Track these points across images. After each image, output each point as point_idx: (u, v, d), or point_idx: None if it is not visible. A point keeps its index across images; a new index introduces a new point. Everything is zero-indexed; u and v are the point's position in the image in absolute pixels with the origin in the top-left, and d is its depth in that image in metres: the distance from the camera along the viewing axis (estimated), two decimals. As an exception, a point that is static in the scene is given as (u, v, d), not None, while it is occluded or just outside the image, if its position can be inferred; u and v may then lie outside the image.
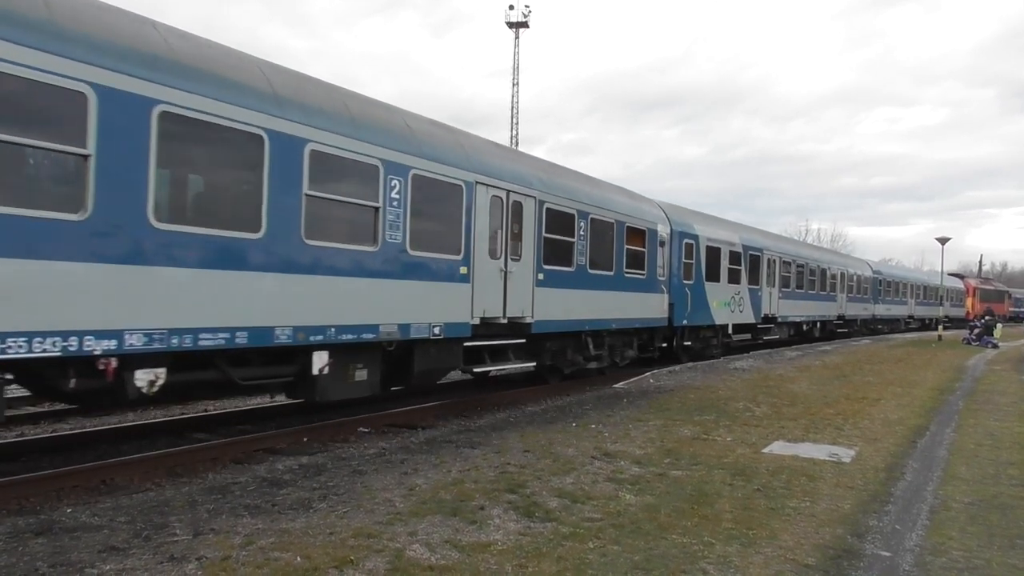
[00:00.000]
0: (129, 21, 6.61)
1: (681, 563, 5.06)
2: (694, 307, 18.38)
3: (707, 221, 20.45)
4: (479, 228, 10.59)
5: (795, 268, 26.25)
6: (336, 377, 8.60)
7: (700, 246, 18.88)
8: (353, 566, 4.76)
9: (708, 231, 19.60)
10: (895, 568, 5.19)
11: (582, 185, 14.08)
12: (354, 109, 8.83)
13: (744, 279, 21.64)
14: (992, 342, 31.66)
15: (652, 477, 7.33)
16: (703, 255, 19.02)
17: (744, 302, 21.59)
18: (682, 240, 17.97)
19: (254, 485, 6.83)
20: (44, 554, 4.90)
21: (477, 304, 10.55)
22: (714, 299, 19.49)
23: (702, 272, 18.93)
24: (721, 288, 19.98)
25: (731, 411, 11.64)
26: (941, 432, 10.60)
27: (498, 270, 11.02)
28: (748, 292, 21.92)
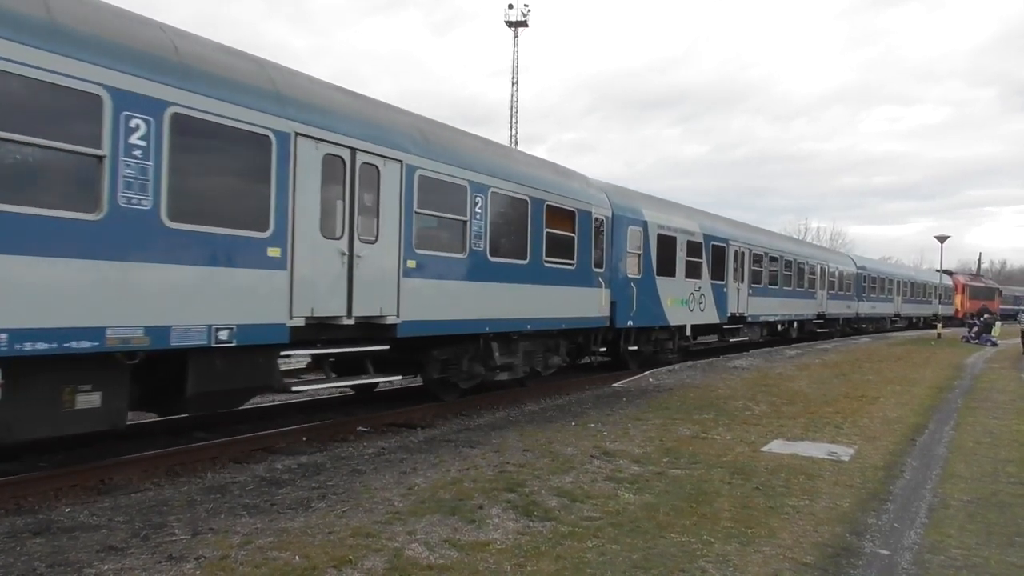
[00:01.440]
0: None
1: (680, 562, 5.06)
2: (643, 305, 15.79)
3: (659, 206, 17.74)
4: (302, 197, 7.84)
5: (768, 262, 23.61)
6: (27, 404, 5.92)
7: (650, 234, 16.23)
8: (352, 565, 4.76)
9: (660, 217, 16.94)
10: (894, 566, 5.20)
11: (481, 152, 11.40)
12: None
13: (706, 273, 19.02)
14: (991, 340, 31.68)
15: (651, 476, 7.33)
16: (654, 245, 16.41)
17: (706, 300, 19.02)
18: (627, 226, 15.34)
19: (253, 484, 6.83)
20: (42, 554, 4.89)
21: (300, 299, 7.83)
22: (668, 296, 17.00)
23: (652, 264, 16.32)
24: (677, 283, 17.49)
25: (730, 410, 11.64)
26: (940, 430, 10.61)
27: (337, 254, 8.32)
28: (711, 288, 19.31)
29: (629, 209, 15.71)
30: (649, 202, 17.22)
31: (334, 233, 8.36)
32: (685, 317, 18.06)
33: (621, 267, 15.12)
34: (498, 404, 12.28)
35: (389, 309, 9.15)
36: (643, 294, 15.86)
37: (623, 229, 15.24)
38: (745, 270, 21.69)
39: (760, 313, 22.88)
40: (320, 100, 8.48)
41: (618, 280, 14.93)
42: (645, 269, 16.11)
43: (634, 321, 15.54)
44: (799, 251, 27.80)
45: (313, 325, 8.14)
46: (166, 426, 9.51)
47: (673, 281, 17.36)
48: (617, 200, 15.29)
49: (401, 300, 9.30)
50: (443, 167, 10.11)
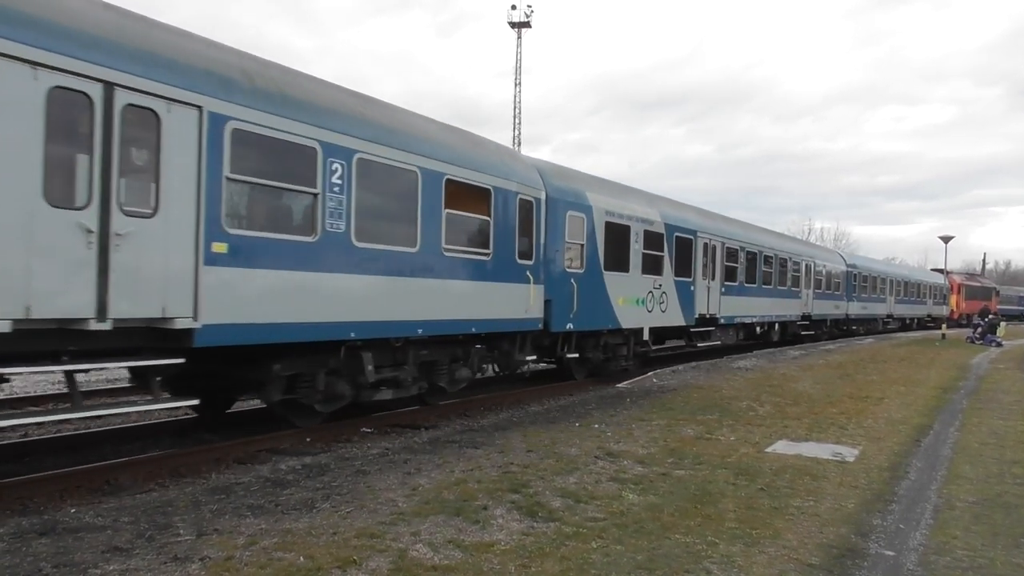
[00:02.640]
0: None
1: (684, 563, 5.05)
2: (586, 305, 13.48)
3: (608, 189, 15.26)
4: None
5: (744, 257, 21.13)
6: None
7: (596, 222, 13.81)
8: (356, 566, 4.77)
9: (609, 202, 14.52)
10: (899, 567, 5.18)
11: (341, 106, 8.79)
12: None
13: (668, 269, 16.63)
14: (996, 340, 31.60)
15: (655, 477, 7.33)
16: (601, 234, 13.99)
17: (669, 299, 16.62)
18: (565, 212, 12.99)
19: (257, 485, 6.84)
20: (48, 554, 4.91)
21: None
22: (619, 294, 14.55)
23: (599, 257, 13.90)
24: (631, 280, 15.02)
25: (734, 410, 11.63)
26: (945, 431, 10.58)
27: (77, 230, 5.95)
28: (675, 286, 16.91)
29: (570, 192, 13.33)
30: (595, 185, 14.69)
31: (71, 201, 5.99)
32: (641, 319, 15.57)
33: (558, 259, 12.79)
34: (501, 405, 12.29)
35: (180, 308, 6.69)
36: (587, 292, 13.49)
37: (561, 214, 12.86)
38: (717, 266, 19.34)
39: (735, 314, 20.53)
40: (40, 6, 5.95)
41: (554, 275, 12.64)
42: (590, 262, 13.71)
43: (575, 323, 13.19)
44: (781, 246, 25.28)
45: (42, 331, 5.88)
46: (170, 427, 9.53)
47: (625, 277, 14.87)
48: (554, 181, 12.93)
49: (202, 296, 6.85)
50: (277, 120, 7.65)
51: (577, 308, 13.19)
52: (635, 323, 15.39)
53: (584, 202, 13.69)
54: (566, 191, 13.26)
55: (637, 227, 15.34)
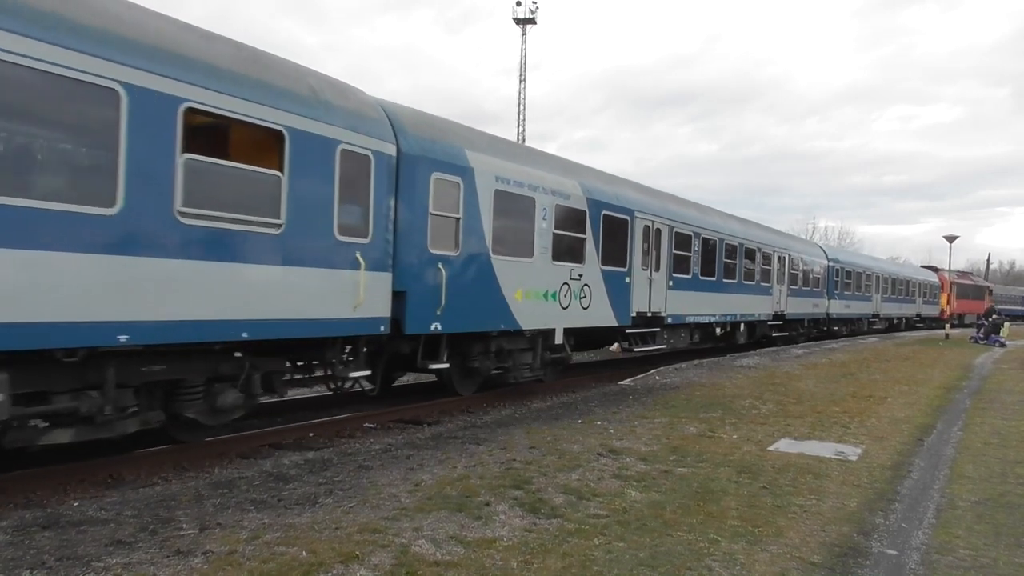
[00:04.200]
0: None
1: (687, 560, 5.05)
2: (464, 298, 10.33)
3: (502, 149, 11.90)
4: None
5: (700, 245, 17.86)
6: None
7: (480, 189, 10.65)
8: (359, 561, 4.77)
9: (500, 166, 11.21)
10: (901, 566, 5.18)
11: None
12: None
13: (593, 255, 13.45)
14: (999, 340, 31.53)
15: (658, 474, 7.32)
16: (488, 207, 10.81)
17: (594, 293, 13.48)
18: (430, 174, 9.73)
19: (260, 480, 6.86)
20: (51, 547, 4.92)
21: None
22: (518, 285, 11.47)
23: (485, 237, 10.78)
24: (535, 268, 11.91)
25: (737, 408, 11.62)
26: (948, 431, 10.57)
27: None
28: (603, 277, 13.75)
29: (438, 148, 10.04)
30: (481, 142, 11.30)
31: None
32: (552, 317, 12.40)
33: (418, 238, 9.57)
34: (504, 402, 12.30)
35: None
36: (465, 281, 10.38)
37: (423, 177, 9.62)
38: (663, 254, 16.02)
39: (687, 312, 17.31)
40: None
41: (410, 259, 9.45)
42: (470, 243, 10.51)
43: (446, 323, 10.02)
44: (749, 234, 21.75)
45: None
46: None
47: (527, 265, 11.69)
48: (413, 132, 9.65)
49: None
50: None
51: (448, 302, 9.94)
52: (541, 323, 12.15)
53: (461, 162, 10.31)
54: (432, 147, 9.91)
55: (545, 200, 12.08)
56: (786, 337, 25.46)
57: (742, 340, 22.23)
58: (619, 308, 14.40)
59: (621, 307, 14.47)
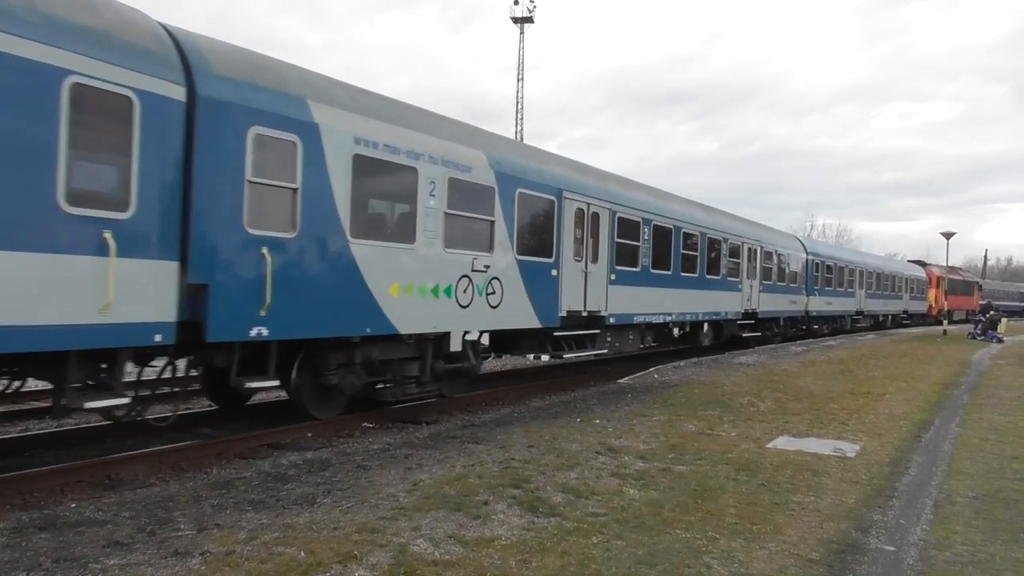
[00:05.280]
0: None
1: (685, 558, 5.05)
2: (305, 295, 8.06)
3: (366, 104, 9.23)
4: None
5: (651, 233, 15.40)
6: None
7: (328, 152, 8.23)
8: (357, 561, 4.77)
9: (362, 125, 8.76)
10: (899, 562, 5.18)
11: None
12: None
13: (507, 242, 11.19)
14: (997, 337, 31.59)
15: (656, 472, 7.33)
16: (344, 176, 8.42)
17: (507, 288, 11.19)
18: (247, 128, 7.39)
19: (258, 480, 6.85)
20: (48, 549, 4.91)
21: None
22: (392, 278, 9.17)
23: (337, 215, 8.38)
24: (419, 256, 9.58)
25: (735, 406, 11.63)
26: (946, 427, 10.58)
27: None
28: (521, 269, 11.47)
29: (264, 96, 7.65)
30: (336, 94, 8.80)
31: None
32: (444, 318, 10.08)
33: (227, 214, 7.22)
34: (503, 400, 12.30)
35: None
36: (306, 272, 8.08)
37: (233, 132, 7.28)
38: (602, 243, 13.69)
39: (635, 311, 14.85)
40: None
41: (216, 241, 7.15)
42: (315, 223, 8.12)
43: (274, 326, 7.69)
44: (713, 222, 19.26)
45: None
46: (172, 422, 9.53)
47: (406, 253, 9.39)
48: (221, 70, 7.32)
49: None
50: None
51: (277, 299, 7.64)
52: (429, 325, 9.83)
53: (299, 116, 7.94)
54: (253, 92, 7.53)
55: (432, 172, 9.70)
56: (759, 338, 23.17)
57: (706, 342, 19.60)
58: (543, 306, 11.99)
59: (546, 305, 12.06)
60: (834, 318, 31.09)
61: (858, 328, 34.25)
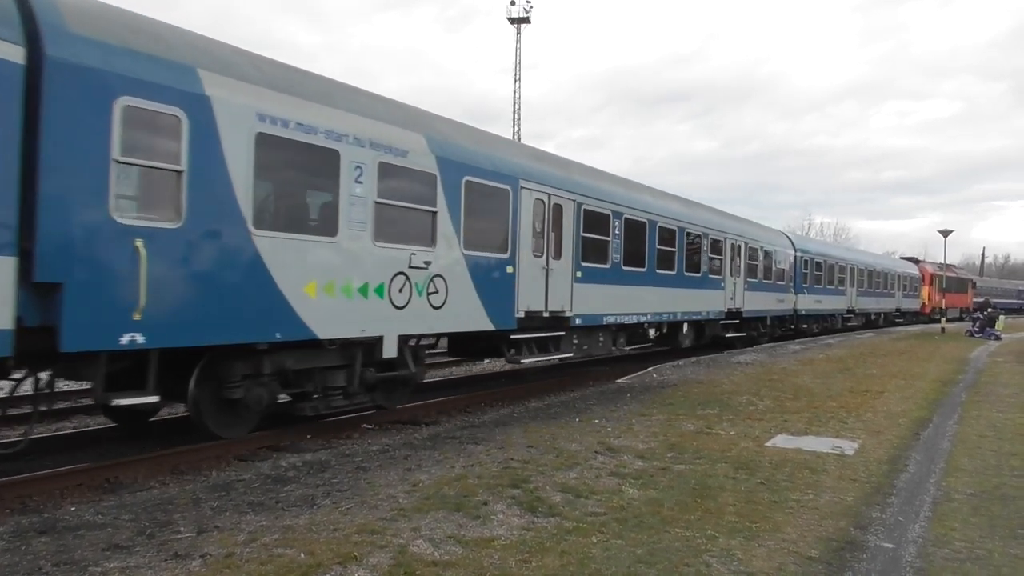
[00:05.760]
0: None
1: (684, 556, 5.06)
2: (195, 295, 6.98)
3: (274, 77, 8.09)
4: None
5: (623, 227, 14.38)
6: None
7: (223, 130, 7.15)
8: (357, 562, 4.77)
9: (269, 99, 7.70)
10: (898, 560, 5.20)
11: None
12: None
13: (452, 236, 10.09)
14: (995, 334, 31.65)
15: (655, 471, 7.34)
16: (244, 157, 7.34)
17: (452, 287, 10.10)
18: (111, 98, 6.25)
19: (258, 482, 6.85)
20: (48, 553, 4.91)
21: None
22: (308, 276, 8.06)
23: (238, 203, 7.29)
24: (343, 251, 8.50)
25: (734, 405, 11.64)
26: (944, 424, 10.60)
27: None
28: (469, 266, 10.42)
29: (139, 62, 6.54)
30: (236, 63, 7.69)
31: None
32: (375, 321, 8.96)
33: (85, 199, 6.14)
34: (502, 401, 12.30)
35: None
36: (196, 268, 6.96)
37: (97, 103, 6.20)
38: (566, 237, 12.65)
39: (604, 311, 13.84)
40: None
41: (72, 231, 6.08)
42: (208, 211, 7.02)
43: (151, 332, 6.57)
44: (693, 217, 18.26)
45: None
46: (170, 424, 9.54)
47: (326, 247, 8.32)
48: (79, 28, 6.24)
49: None
50: None
51: (155, 300, 6.53)
52: (356, 328, 8.70)
53: (185, 86, 6.80)
54: (120, 55, 6.42)
55: (359, 155, 8.60)
56: (744, 338, 22.22)
57: (687, 343, 18.52)
58: (497, 306, 10.89)
59: (499, 305, 10.97)
60: (824, 317, 30.29)
61: (849, 327, 33.31)
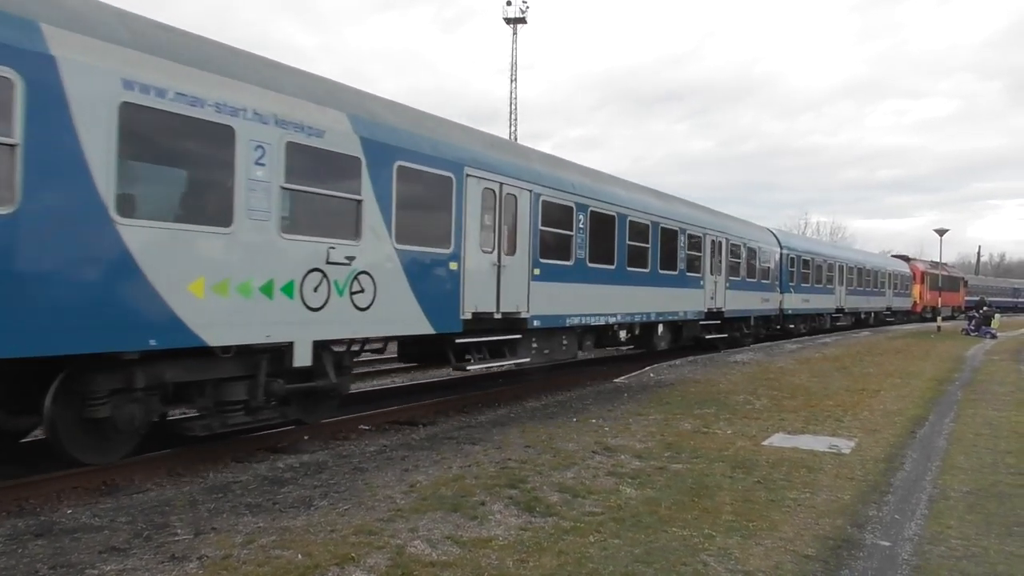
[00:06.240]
0: None
1: (682, 556, 5.07)
2: (34, 293, 5.72)
3: (148, 38, 6.74)
4: None
5: (588, 221, 13.21)
6: None
7: (73, 96, 5.91)
8: (354, 563, 4.77)
9: (140, 62, 6.43)
10: (894, 557, 5.21)
11: None
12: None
13: (382, 228, 8.87)
14: (990, 332, 31.73)
15: (652, 471, 7.34)
16: (104, 130, 6.11)
17: (382, 285, 8.88)
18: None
19: (255, 484, 6.84)
20: (44, 555, 4.90)
21: None
22: (194, 272, 6.85)
23: (95, 185, 6.06)
24: (240, 244, 7.25)
25: (731, 404, 11.66)
26: (940, 422, 10.63)
27: None
28: (403, 262, 9.17)
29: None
30: (96, 16, 6.50)
31: None
32: (284, 325, 7.72)
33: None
34: (499, 401, 12.31)
35: None
36: (31, 262, 5.80)
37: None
38: (521, 231, 11.49)
39: (567, 312, 12.69)
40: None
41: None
42: (50, 193, 5.87)
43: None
44: (668, 211, 17.08)
45: None
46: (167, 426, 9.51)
47: (219, 239, 7.09)
48: None
49: None
50: None
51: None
52: (258, 334, 7.48)
53: (24, 44, 5.70)
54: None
55: (261, 133, 7.40)
56: (726, 340, 21.13)
57: (662, 345, 17.36)
58: (437, 307, 9.73)
59: (441, 306, 9.81)
60: (812, 316, 29.39)
61: (839, 327, 32.55)
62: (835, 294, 31.22)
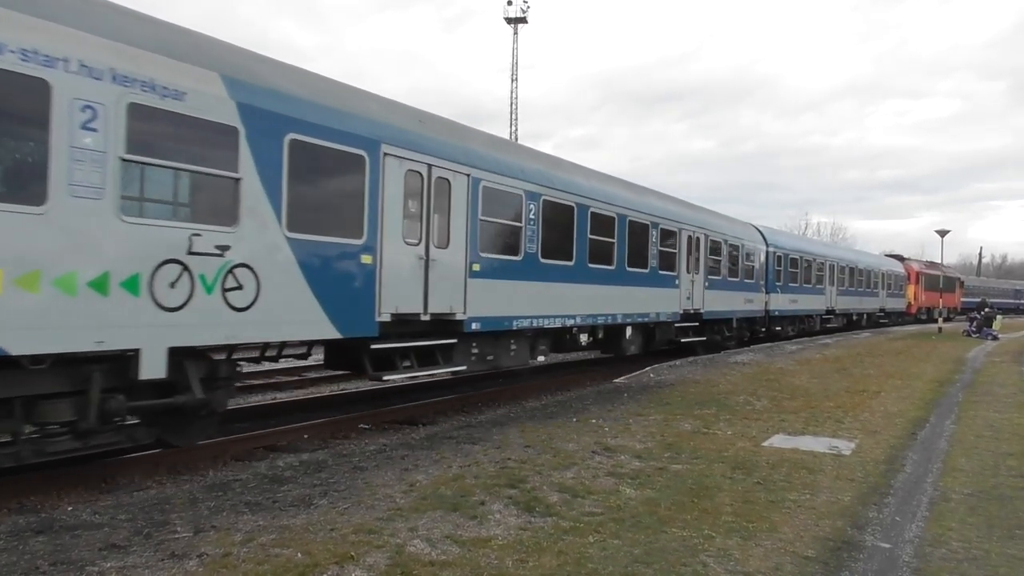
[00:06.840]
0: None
1: (681, 556, 5.06)
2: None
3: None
4: None
5: (539, 211, 11.83)
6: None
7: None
8: (354, 562, 4.77)
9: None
10: (895, 560, 5.20)
11: None
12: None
13: (268, 213, 7.39)
14: (992, 334, 31.69)
15: (652, 471, 7.34)
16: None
17: (267, 281, 7.36)
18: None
19: (255, 482, 6.85)
20: (45, 552, 4.91)
21: None
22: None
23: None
24: (57, 228, 5.70)
25: (731, 405, 11.65)
26: (941, 424, 10.61)
27: None
28: (297, 254, 7.71)
29: None
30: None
31: None
32: (127, 328, 6.22)
33: None
34: (499, 401, 12.30)
35: None
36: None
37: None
38: (455, 221, 10.09)
39: (514, 313, 11.31)
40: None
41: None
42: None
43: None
44: (639, 204, 15.64)
45: None
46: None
47: (27, 220, 5.58)
48: None
49: None
50: None
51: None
52: (84, 340, 5.98)
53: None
54: None
55: (89, 90, 5.95)
56: (706, 343, 19.98)
57: (632, 349, 15.89)
58: (345, 307, 8.31)
59: (350, 305, 8.40)
60: (800, 318, 27.71)
61: (829, 329, 31.14)
62: (825, 295, 29.76)
